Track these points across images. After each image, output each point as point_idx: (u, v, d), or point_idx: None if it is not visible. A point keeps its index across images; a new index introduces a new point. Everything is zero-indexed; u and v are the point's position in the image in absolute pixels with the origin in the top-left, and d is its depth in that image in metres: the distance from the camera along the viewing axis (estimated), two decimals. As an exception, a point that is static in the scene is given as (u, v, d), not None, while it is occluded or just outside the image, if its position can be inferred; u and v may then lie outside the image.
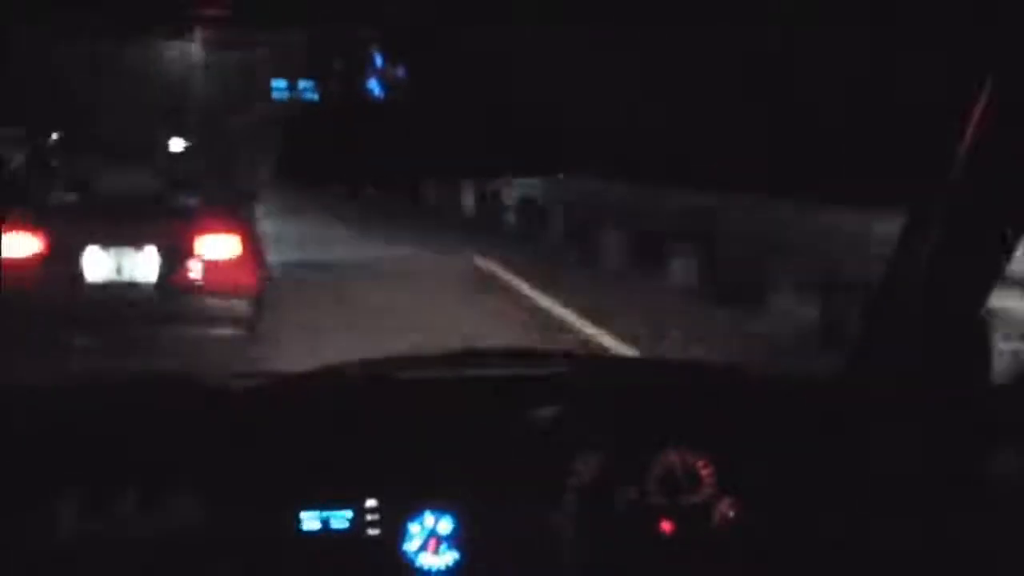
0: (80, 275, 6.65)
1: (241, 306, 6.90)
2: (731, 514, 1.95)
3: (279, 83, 13.95)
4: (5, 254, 6.28)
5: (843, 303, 7.23)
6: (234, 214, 7.31)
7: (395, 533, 1.89)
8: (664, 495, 1.95)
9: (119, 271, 6.72)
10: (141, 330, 6.65)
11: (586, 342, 7.63)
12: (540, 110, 2.05)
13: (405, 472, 1.93)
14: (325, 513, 1.87)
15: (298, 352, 6.78)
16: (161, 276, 6.73)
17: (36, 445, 1.89)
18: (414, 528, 1.90)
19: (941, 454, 1.83)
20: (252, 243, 7.17)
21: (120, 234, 6.69)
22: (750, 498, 1.95)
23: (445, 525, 1.90)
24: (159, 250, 6.72)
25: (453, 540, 1.90)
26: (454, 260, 12.80)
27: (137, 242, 6.70)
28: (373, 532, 1.88)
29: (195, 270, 6.76)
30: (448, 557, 1.90)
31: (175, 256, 6.75)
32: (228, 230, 6.96)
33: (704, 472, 1.96)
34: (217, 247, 6.84)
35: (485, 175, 12.20)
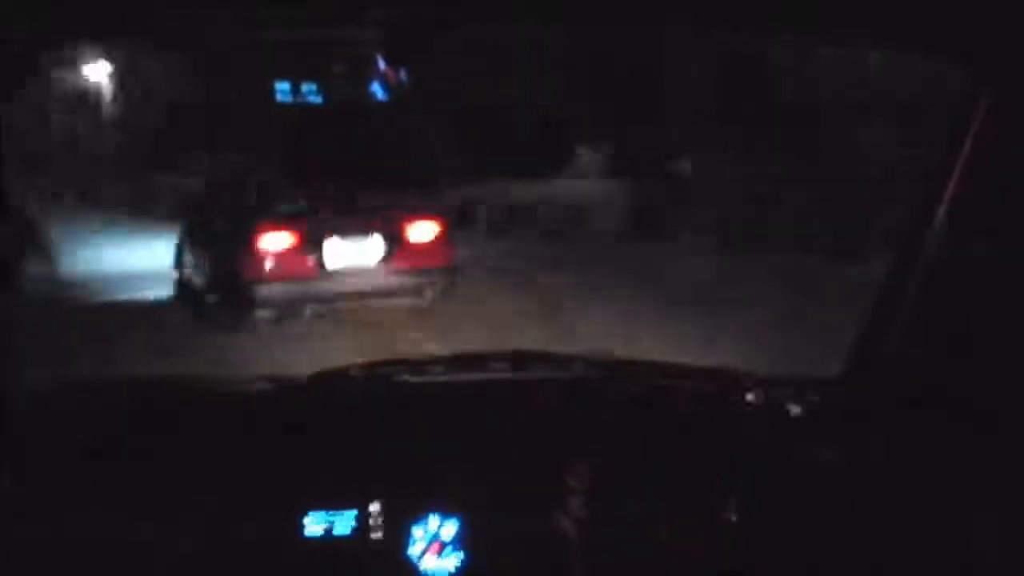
0: (322, 260, 8.47)
1: (443, 277, 8.82)
2: (733, 516, 1.95)
3: (282, 86, 13.99)
4: (263, 247, 8.35)
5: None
6: (431, 206, 9.28)
7: (399, 536, 1.90)
8: (666, 497, 1.95)
9: (352, 256, 8.58)
10: (370, 302, 8.52)
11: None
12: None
13: (408, 475, 1.93)
14: (329, 516, 1.87)
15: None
16: (383, 258, 8.63)
17: (39, 445, 1.90)
18: (418, 532, 1.90)
19: (941, 454, 1.83)
20: (446, 227, 9.07)
21: (352, 227, 8.59)
22: (751, 499, 1.95)
23: (448, 528, 1.91)
24: (383, 237, 8.62)
25: (456, 543, 1.91)
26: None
27: (365, 232, 8.60)
28: (377, 536, 1.89)
29: (408, 251, 8.68)
30: (452, 560, 1.90)
31: (394, 242, 8.66)
32: (429, 218, 8.88)
33: (705, 473, 1.96)
34: (423, 232, 8.78)
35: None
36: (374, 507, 1.89)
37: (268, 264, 8.42)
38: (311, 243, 8.50)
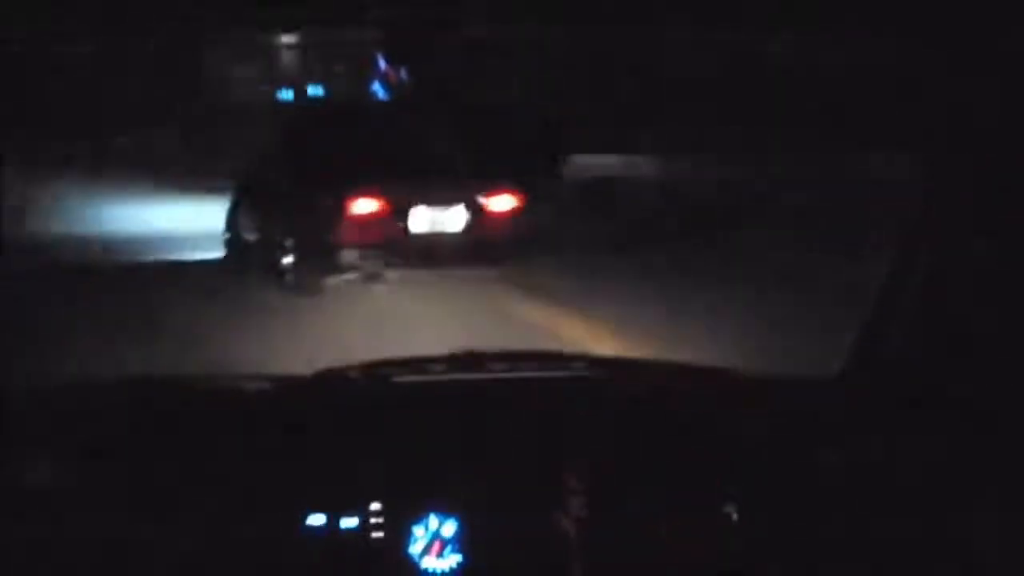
0: (407, 226, 8.85)
1: (521, 247, 9.20)
2: (734, 515, 1.95)
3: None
4: (353, 212, 8.71)
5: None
6: (508, 178, 9.73)
7: (399, 536, 1.90)
8: (667, 497, 1.95)
9: (434, 223, 8.96)
10: (449, 266, 8.90)
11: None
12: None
13: (409, 475, 1.93)
14: (329, 516, 1.88)
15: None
16: (465, 227, 9.03)
17: (39, 445, 1.90)
18: (418, 531, 1.90)
19: (941, 454, 1.83)
20: (525, 200, 9.46)
21: (436, 197, 8.97)
22: (752, 498, 1.95)
23: (449, 528, 1.91)
24: (464, 207, 9.00)
25: (457, 542, 1.91)
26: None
27: (449, 202, 8.98)
28: (378, 535, 1.89)
29: (488, 221, 9.10)
30: (452, 560, 1.90)
31: (475, 212, 9.06)
32: (510, 191, 9.35)
33: (706, 473, 1.96)
34: (503, 204, 9.25)
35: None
36: (375, 506, 1.89)
37: (357, 229, 8.74)
38: (398, 210, 8.86)
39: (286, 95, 15.41)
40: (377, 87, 13.41)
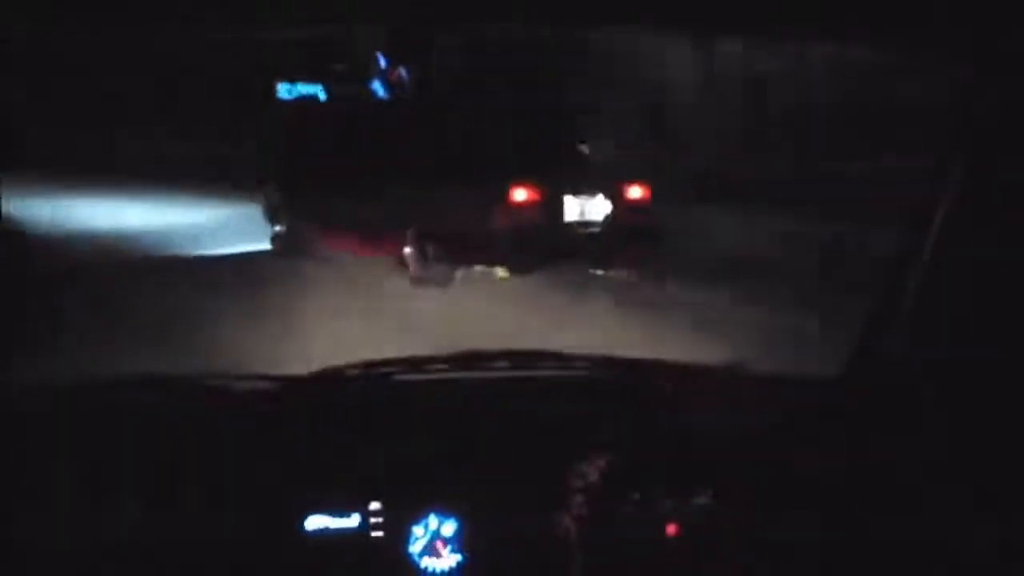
0: (561, 214, 10.00)
1: (651, 233, 10.16)
2: (735, 515, 1.95)
3: (284, 84, 14.02)
4: (515, 200, 9.76)
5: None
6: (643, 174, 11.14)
7: (399, 536, 1.90)
8: (668, 497, 1.95)
9: (583, 212, 10.13)
10: (596, 250, 10.01)
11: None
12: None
13: (409, 474, 1.93)
14: (330, 516, 1.87)
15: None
16: (608, 215, 10.19)
17: (39, 445, 1.90)
18: (418, 531, 1.90)
19: (941, 454, 1.83)
20: (651, 191, 10.61)
21: (583, 188, 10.15)
22: (754, 499, 1.95)
23: (449, 527, 1.91)
24: (606, 197, 10.18)
25: (457, 542, 1.91)
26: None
27: (593, 192, 10.15)
28: (377, 535, 1.89)
29: (626, 210, 10.25)
30: (452, 559, 1.90)
31: (615, 201, 10.23)
32: (642, 184, 10.53)
33: (708, 474, 1.96)
34: (637, 195, 10.45)
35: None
36: (374, 506, 1.89)
37: (518, 216, 9.85)
38: (552, 200, 10.01)
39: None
40: (377, 85, 13.42)
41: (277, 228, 11.16)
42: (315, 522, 1.87)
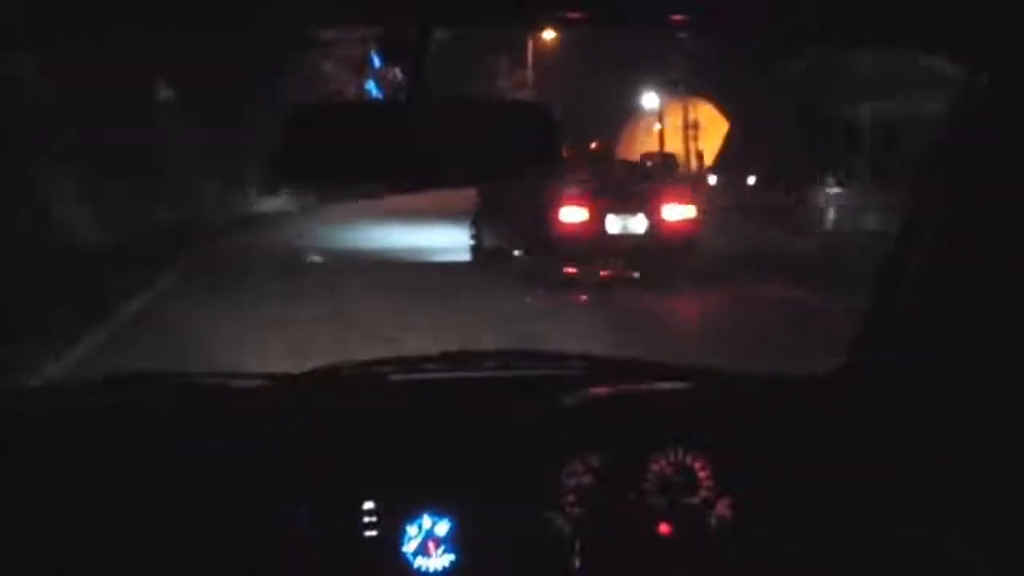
0: (605, 227, 12.09)
1: (688, 243, 12.31)
2: (729, 515, 1.94)
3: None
4: (564, 219, 11.96)
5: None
6: (682, 191, 13.54)
7: (393, 535, 1.89)
8: (662, 496, 1.95)
9: (625, 226, 12.18)
10: (636, 262, 11.93)
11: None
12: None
13: (403, 474, 1.92)
14: (323, 514, 1.87)
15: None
16: (646, 229, 12.16)
17: (38, 444, 1.90)
18: (412, 530, 1.90)
19: (940, 454, 1.83)
20: (690, 204, 12.67)
21: (625, 206, 12.23)
22: (748, 499, 1.95)
23: (443, 527, 1.90)
24: (644, 215, 12.17)
25: (451, 542, 1.90)
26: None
27: (633, 210, 12.19)
28: (371, 534, 1.88)
29: (663, 225, 12.18)
30: (446, 559, 1.90)
31: (652, 218, 12.20)
32: (681, 200, 12.63)
33: (702, 473, 1.96)
34: (675, 212, 12.35)
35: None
36: (368, 505, 1.88)
37: (569, 228, 11.91)
38: (598, 215, 11.96)
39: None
40: (371, 86, 13.42)
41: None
42: (308, 521, 1.87)
